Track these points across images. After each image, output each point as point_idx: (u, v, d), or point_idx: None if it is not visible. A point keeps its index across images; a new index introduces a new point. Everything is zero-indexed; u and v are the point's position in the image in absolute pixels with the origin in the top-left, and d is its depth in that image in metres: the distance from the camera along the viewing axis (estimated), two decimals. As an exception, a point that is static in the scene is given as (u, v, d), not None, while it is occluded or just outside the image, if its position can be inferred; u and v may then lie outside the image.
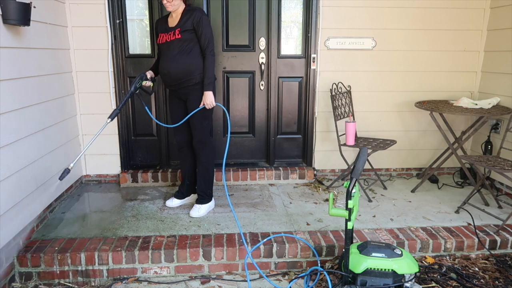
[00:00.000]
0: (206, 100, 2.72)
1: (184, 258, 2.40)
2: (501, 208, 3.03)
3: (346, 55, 3.53)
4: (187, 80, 2.74)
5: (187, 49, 2.70)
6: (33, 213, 2.61)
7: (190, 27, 2.67)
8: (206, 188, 2.94)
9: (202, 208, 2.92)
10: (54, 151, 2.94)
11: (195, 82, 2.74)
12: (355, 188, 2.02)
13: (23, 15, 2.31)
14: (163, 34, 2.76)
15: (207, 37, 2.69)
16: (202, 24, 2.66)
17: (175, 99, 2.90)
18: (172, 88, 2.85)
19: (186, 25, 2.67)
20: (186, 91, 2.79)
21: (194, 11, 2.68)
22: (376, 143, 3.32)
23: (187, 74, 2.72)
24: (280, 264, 2.47)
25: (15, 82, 2.40)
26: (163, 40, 2.76)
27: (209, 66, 2.71)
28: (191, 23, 2.66)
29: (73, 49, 3.30)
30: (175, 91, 2.86)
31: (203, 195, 2.94)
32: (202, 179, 2.92)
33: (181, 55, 2.70)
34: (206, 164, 2.90)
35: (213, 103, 2.74)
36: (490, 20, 3.53)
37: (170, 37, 2.71)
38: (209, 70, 2.71)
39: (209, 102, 2.73)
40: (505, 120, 3.30)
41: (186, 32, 2.67)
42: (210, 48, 2.70)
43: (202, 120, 2.82)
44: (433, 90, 3.69)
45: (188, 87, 2.77)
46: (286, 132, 3.75)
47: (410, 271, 2.05)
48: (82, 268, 2.36)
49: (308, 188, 3.50)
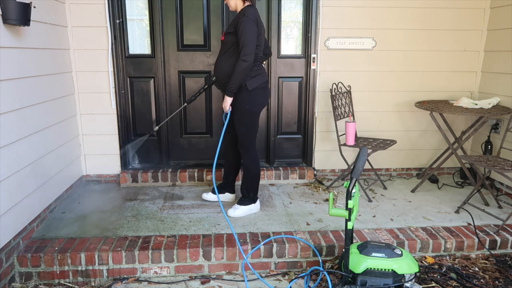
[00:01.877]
0: (223, 104, 2.70)
1: (184, 258, 2.40)
2: (501, 208, 3.03)
3: (346, 55, 3.53)
4: (226, 83, 2.66)
5: (230, 51, 2.65)
6: (33, 213, 2.61)
7: (232, 29, 2.61)
8: (248, 190, 2.90)
9: (239, 208, 2.89)
10: (54, 151, 2.94)
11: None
12: (355, 188, 2.02)
13: (23, 15, 2.31)
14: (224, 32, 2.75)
15: (243, 40, 2.54)
16: (241, 25, 2.54)
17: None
18: (219, 88, 2.87)
19: (230, 27, 2.64)
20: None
21: (241, 12, 2.60)
22: (376, 143, 3.32)
23: (225, 77, 2.67)
24: (280, 264, 2.47)
25: (15, 82, 2.40)
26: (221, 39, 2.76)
27: (235, 70, 2.57)
28: (234, 26, 2.60)
29: (73, 49, 3.30)
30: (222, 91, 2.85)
31: (244, 196, 2.92)
32: (243, 181, 2.91)
33: (223, 57, 2.70)
34: (247, 169, 2.88)
35: (226, 108, 2.70)
36: (490, 20, 3.53)
37: (222, 37, 2.72)
38: (235, 74, 2.58)
39: (223, 106, 2.70)
40: (505, 120, 3.30)
41: (229, 34, 2.63)
42: (244, 53, 2.54)
43: (240, 126, 2.76)
44: (433, 90, 3.69)
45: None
46: (286, 132, 3.75)
47: (410, 271, 2.05)
48: (82, 268, 2.36)
49: (308, 188, 3.50)
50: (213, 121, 3.66)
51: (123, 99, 3.47)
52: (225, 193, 3.14)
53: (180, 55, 3.49)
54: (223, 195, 3.13)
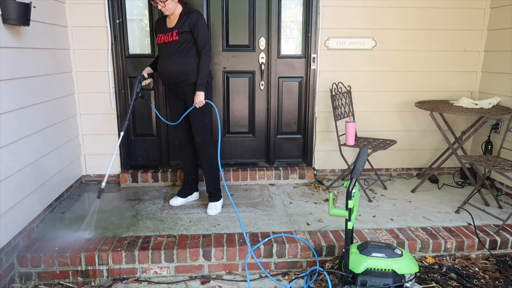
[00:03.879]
0: (196, 99, 2.77)
1: (184, 258, 2.40)
2: (501, 208, 3.03)
3: (346, 55, 3.53)
4: (184, 80, 2.79)
5: (184, 50, 2.75)
6: (33, 213, 2.61)
7: (187, 28, 2.72)
8: (216, 184, 3.00)
9: (217, 205, 2.99)
10: (54, 151, 2.94)
11: (192, 82, 2.79)
12: (355, 188, 2.02)
13: (23, 15, 2.31)
14: (161, 34, 2.81)
15: (203, 39, 2.74)
16: (199, 25, 2.71)
17: (174, 97, 2.94)
18: (170, 87, 2.90)
19: (183, 26, 2.72)
20: (184, 90, 2.84)
21: (191, 13, 2.73)
22: (376, 143, 3.32)
23: (184, 74, 2.78)
24: (280, 264, 2.47)
25: (15, 82, 2.40)
26: (161, 40, 2.81)
27: (203, 67, 2.75)
28: (188, 25, 2.71)
29: (73, 49, 3.30)
30: (173, 90, 2.90)
31: (214, 192, 3.00)
32: (210, 176, 2.97)
33: (178, 56, 2.75)
34: (210, 161, 2.94)
35: (202, 102, 2.78)
36: (490, 20, 3.52)
37: (168, 38, 2.76)
38: (203, 70, 2.75)
39: (198, 101, 2.77)
40: (505, 120, 3.30)
41: (183, 33, 2.72)
42: (205, 49, 2.75)
43: (203, 118, 2.87)
44: (433, 90, 3.69)
45: (185, 86, 2.82)
46: (286, 132, 3.75)
47: (410, 271, 2.05)
48: (82, 268, 2.36)
49: (308, 188, 3.50)
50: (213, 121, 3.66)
51: (123, 99, 3.47)
52: (193, 193, 3.18)
53: (180, 55, 3.49)
54: (191, 195, 3.17)
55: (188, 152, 3.06)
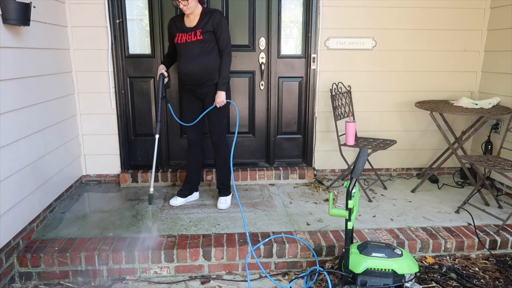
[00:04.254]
0: (218, 99, 2.81)
1: (184, 258, 2.40)
2: (501, 208, 3.03)
3: (346, 55, 3.53)
4: (207, 80, 2.82)
5: (208, 50, 2.77)
6: (33, 213, 2.61)
7: (211, 28, 2.73)
8: (227, 181, 3.07)
9: (227, 199, 3.07)
10: (54, 151, 2.94)
11: (215, 82, 2.83)
12: (355, 188, 2.02)
13: (23, 15, 2.31)
14: (181, 34, 2.79)
15: (226, 39, 2.78)
16: (222, 26, 2.74)
17: (192, 97, 2.95)
18: (191, 87, 2.90)
19: (207, 26, 2.73)
20: (205, 91, 2.86)
21: (214, 13, 2.75)
22: (376, 143, 3.32)
23: (207, 74, 2.80)
24: (280, 264, 2.47)
25: (15, 82, 2.40)
26: (182, 40, 2.79)
27: (225, 67, 2.80)
28: (212, 25, 2.73)
29: (73, 49, 3.30)
30: (192, 90, 2.91)
31: (225, 188, 3.08)
32: (223, 173, 3.05)
33: (202, 56, 2.76)
34: (226, 159, 3.00)
35: (224, 101, 2.83)
36: (490, 20, 3.52)
37: (190, 38, 2.75)
38: (226, 70, 2.80)
39: (220, 101, 2.82)
40: (505, 120, 3.30)
41: (207, 33, 2.74)
42: (228, 49, 2.80)
43: (222, 117, 2.92)
44: (433, 90, 3.69)
45: (208, 86, 2.85)
46: (286, 132, 3.75)
47: (410, 271, 2.05)
48: (82, 268, 2.36)
49: (308, 188, 3.50)
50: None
51: (123, 99, 3.47)
52: (192, 193, 3.17)
53: (180, 55, 3.49)
54: (192, 195, 3.17)
55: (196, 152, 3.07)
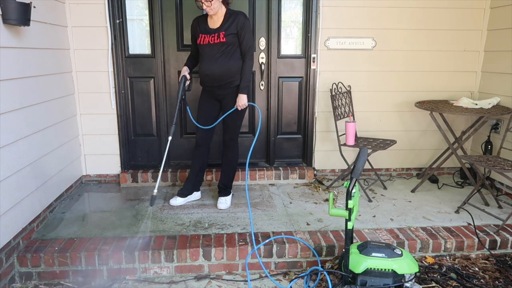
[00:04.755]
0: (240, 102, 2.81)
1: (184, 258, 2.40)
2: (501, 208, 3.03)
3: (346, 55, 3.53)
4: (228, 82, 2.82)
5: (230, 52, 2.77)
6: (33, 213, 2.61)
7: (235, 30, 2.72)
8: (229, 182, 3.07)
9: (228, 199, 3.06)
10: (54, 151, 2.94)
11: (235, 85, 2.82)
12: (355, 188, 2.02)
13: (23, 15, 2.31)
14: (204, 35, 2.79)
15: (249, 42, 2.77)
16: (245, 29, 2.73)
17: (210, 98, 2.94)
18: (211, 88, 2.90)
19: (230, 28, 2.72)
20: (225, 92, 2.86)
21: (238, 15, 2.73)
22: (376, 143, 3.32)
23: (229, 76, 2.80)
24: (280, 264, 2.47)
25: (15, 82, 2.40)
26: (205, 41, 2.79)
27: (247, 70, 2.80)
28: (235, 27, 2.72)
29: (73, 49, 3.30)
30: (211, 91, 2.91)
31: (226, 188, 3.07)
32: (227, 173, 3.05)
33: (224, 58, 2.76)
34: (233, 160, 3.01)
35: (245, 104, 2.83)
36: (490, 20, 3.52)
37: (213, 39, 2.75)
38: (247, 74, 2.80)
39: (242, 104, 2.82)
40: (505, 120, 3.30)
41: (230, 35, 2.72)
42: (250, 53, 2.79)
43: (237, 120, 2.93)
44: (433, 90, 3.69)
45: (228, 88, 2.84)
46: (286, 132, 3.75)
47: (410, 271, 2.05)
48: (82, 268, 2.36)
49: (308, 188, 3.50)
50: (213, 121, 3.66)
51: (123, 99, 3.47)
52: (193, 192, 3.16)
53: (180, 55, 3.49)
54: (192, 195, 3.15)
55: (202, 152, 3.05)
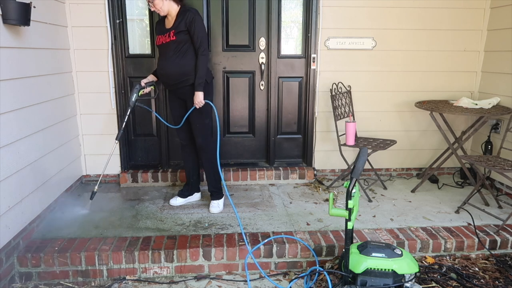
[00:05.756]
0: (195, 100, 2.75)
1: (184, 258, 2.40)
2: (501, 208, 3.03)
3: (346, 55, 3.53)
4: (183, 81, 2.78)
5: (182, 50, 2.73)
6: (33, 213, 2.61)
7: (184, 28, 2.68)
8: (217, 183, 3.02)
9: (220, 203, 3.02)
10: (54, 151, 2.94)
11: (191, 83, 2.77)
12: (355, 188, 2.02)
13: (23, 15, 2.31)
14: (160, 35, 2.80)
15: (200, 37, 2.69)
16: (195, 24, 2.66)
17: (175, 98, 2.94)
18: (171, 88, 2.89)
19: (180, 26, 2.69)
20: (184, 91, 2.83)
21: (187, 12, 2.69)
22: (376, 143, 3.32)
23: (183, 75, 2.76)
24: (280, 264, 2.47)
25: (15, 82, 2.40)
26: (160, 41, 2.79)
27: (201, 66, 2.72)
28: (185, 24, 2.68)
29: (73, 49, 3.30)
30: (174, 91, 2.90)
31: (216, 191, 3.02)
32: (211, 175, 2.99)
33: (176, 57, 2.73)
34: (212, 160, 2.94)
35: (202, 102, 2.76)
36: (490, 20, 3.52)
37: (166, 39, 2.74)
38: (201, 70, 2.72)
39: (198, 101, 2.75)
40: (505, 120, 3.30)
41: (180, 33, 2.69)
42: (202, 48, 2.71)
43: (203, 119, 2.86)
44: (433, 90, 3.69)
45: (185, 87, 2.81)
46: (286, 132, 3.75)
47: (410, 271, 2.05)
48: (82, 268, 2.36)
49: (308, 188, 3.50)
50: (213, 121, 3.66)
51: (123, 99, 3.47)
52: (193, 193, 3.15)
53: (180, 55, 3.49)
54: (192, 196, 3.15)
55: (189, 152, 3.06)
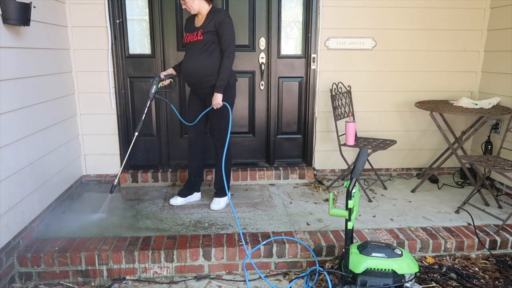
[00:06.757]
0: (214, 101, 2.77)
1: (184, 258, 2.40)
2: (501, 208, 3.03)
3: (346, 55, 3.53)
4: (206, 81, 2.79)
5: (209, 50, 2.74)
6: (33, 213, 2.61)
7: (213, 28, 2.70)
8: (223, 183, 2.98)
9: (221, 201, 3.03)
10: (54, 151, 2.94)
11: (214, 84, 2.78)
12: (355, 188, 2.02)
13: (23, 15, 2.31)
14: (188, 33, 2.81)
15: (227, 40, 2.70)
16: (224, 25, 2.68)
17: (195, 97, 2.95)
18: (193, 87, 2.91)
19: (208, 26, 2.70)
20: (205, 91, 2.84)
21: (218, 13, 2.72)
22: (376, 143, 3.32)
23: (206, 75, 2.77)
24: (280, 264, 2.47)
25: (15, 82, 2.40)
26: (187, 39, 2.81)
27: (224, 68, 2.73)
28: (214, 25, 2.69)
29: (73, 49, 3.30)
30: (195, 90, 2.91)
31: (220, 189, 3.04)
32: (221, 174, 2.98)
33: (202, 56, 2.74)
34: (225, 163, 2.94)
35: (220, 104, 2.77)
36: (490, 20, 3.52)
37: (194, 37, 2.76)
38: (224, 72, 2.73)
39: (215, 103, 2.76)
40: (505, 120, 3.30)
41: (208, 33, 2.70)
42: (229, 50, 2.72)
43: (221, 120, 2.88)
44: (433, 90, 3.69)
45: (207, 87, 2.82)
46: (286, 132, 3.75)
47: (410, 271, 2.05)
48: (82, 268, 2.36)
49: (308, 188, 3.50)
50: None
51: (123, 99, 3.47)
52: (193, 193, 3.15)
53: (180, 55, 3.48)
54: (192, 196, 3.14)
55: (196, 152, 3.05)
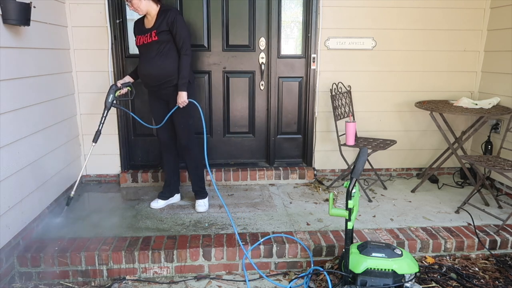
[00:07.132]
0: (179, 100, 2.73)
1: (184, 258, 2.40)
2: (501, 208, 3.03)
3: (346, 55, 3.53)
4: (166, 81, 2.76)
5: (165, 50, 2.71)
6: (33, 213, 2.61)
7: (166, 28, 2.66)
8: (201, 183, 3.02)
9: (205, 201, 3.02)
10: (54, 151, 2.94)
11: (174, 84, 2.76)
12: (355, 188, 2.02)
13: (23, 15, 2.31)
14: (140, 36, 2.77)
15: (182, 37, 2.68)
16: (177, 24, 2.65)
17: (157, 99, 2.91)
18: (153, 89, 2.86)
19: (161, 26, 2.66)
20: (167, 92, 2.81)
21: (169, 12, 2.67)
22: (376, 143, 3.32)
23: (166, 76, 2.74)
24: (280, 264, 2.47)
25: (15, 82, 2.40)
26: (140, 42, 2.77)
27: (184, 66, 2.70)
28: (166, 24, 2.66)
29: (73, 49, 3.30)
30: (155, 92, 2.86)
31: (200, 190, 3.02)
32: (196, 175, 2.99)
33: (159, 57, 2.71)
34: (196, 160, 2.95)
35: (185, 102, 2.74)
36: (490, 20, 3.52)
37: (147, 39, 2.72)
38: (184, 70, 2.70)
39: (181, 101, 2.74)
40: (505, 120, 3.30)
41: (162, 33, 2.67)
42: (185, 48, 2.70)
43: (187, 119, 2.85)
44: (433, 90, 3.69)
45: (168, 88, 2.79)
46: (286, 132, 3.75)
47: (410, 271, 2.05)
48: (82, 268, 2.36)
49: (308, 188, 3.50)
50: (213, 121, 3.66)
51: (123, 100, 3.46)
52: (174, 194, 3.13)
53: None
54: (173, 197, 3.13)
55: (169, 153, 3.03)
